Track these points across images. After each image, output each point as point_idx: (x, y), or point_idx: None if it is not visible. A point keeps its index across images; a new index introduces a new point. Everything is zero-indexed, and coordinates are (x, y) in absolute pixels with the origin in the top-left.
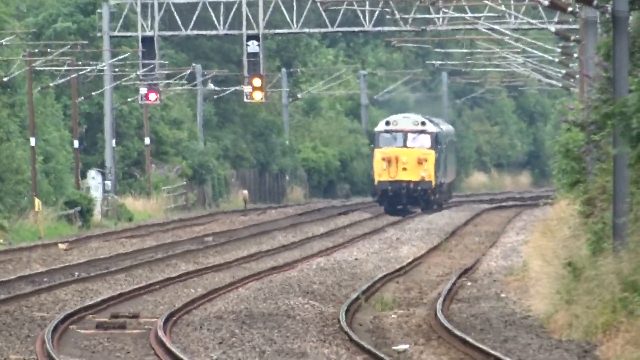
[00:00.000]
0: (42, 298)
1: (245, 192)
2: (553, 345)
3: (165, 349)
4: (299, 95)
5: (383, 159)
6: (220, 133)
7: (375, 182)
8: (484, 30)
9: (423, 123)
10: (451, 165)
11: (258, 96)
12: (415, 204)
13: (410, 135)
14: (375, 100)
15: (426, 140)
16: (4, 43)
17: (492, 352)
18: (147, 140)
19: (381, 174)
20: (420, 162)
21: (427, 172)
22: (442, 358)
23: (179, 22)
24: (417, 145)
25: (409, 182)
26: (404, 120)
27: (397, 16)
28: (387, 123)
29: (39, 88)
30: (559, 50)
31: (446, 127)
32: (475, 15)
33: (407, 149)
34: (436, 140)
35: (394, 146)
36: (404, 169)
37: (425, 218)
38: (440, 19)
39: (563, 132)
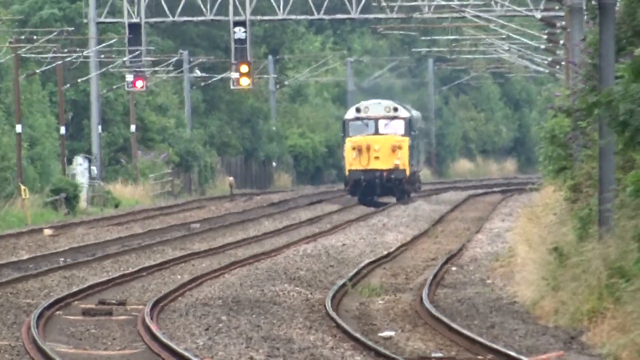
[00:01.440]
0: (29, 284)
1: (231, 178)
2: (539, 332)
3: (152, 335)
4: (285, 82)
5: (354, 148)
6: (206, 120)
7: (347, 172)
8: (470, 17)
9: (395, 109)
10: (422, 153)
11: (245, 82)
12: (389, 194)
13: (382, 122)
14: (361, 87)
15: (399, 126)
16: None
17: (478, 338)
18: (133, 128)
19: (352, 163)
20: (394, 149)
21: (401, 160)
22: (428, 344)
23: (166, 9)
24: (390, 132)
25: (382, 171)
26: (375, 106)
27: (384, 3)
28: (358, 110)
29: (25, 75)
30: (545, 37)
31: (416, 113)
32: (462, 2)
33: (380, 137)
34: (409, 126)
35: (365, 134)
36: (377, 157)
37: (411, 204)
38: (426, 7)
39: (549, 119)
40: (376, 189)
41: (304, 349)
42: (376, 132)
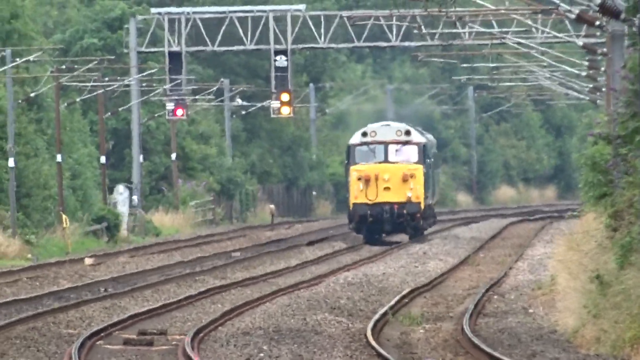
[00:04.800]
0: (70, 314)
1: (272, 206)
2: None
3: None
4: (327, 110)
5: (359, 178)
6: (247, 148)
7: (351, 206)
8: (510, 44)
9: (407, 132)
10: (437, 183)
11: (286, 111)
12: (400, 231)
13: (392, 148)
14: (401, 115)
15: (412, 152)
16: (31, 59)
17: None
18: (174, 156)
19: (358, 195)
20: (405, 179)
21: (414, 192)
22: None
23: (206, 38)
24: (402, 160)
25: (392, 204)
26: (384, 130)
27: (424, 31)
28: (364, 134)
29: (66, 104)
30: (586, 63)
31: (430, 138)
32: (502, 29)
33: (390, 165)
34: (424, 152)
35: (373, 162)
36: (386, 188)
37: (452, 232)
38: (467, 34)
39: (589, 145)
40: (385, 226)
41: None
42: (386, 160)
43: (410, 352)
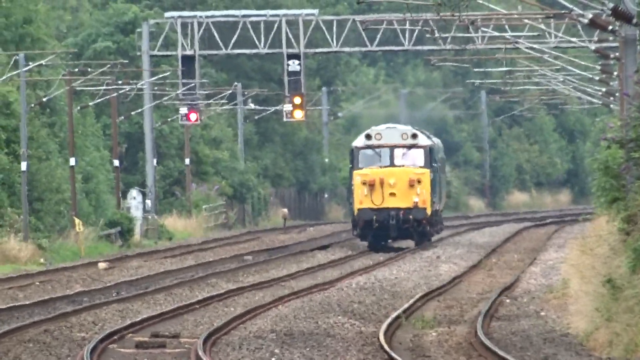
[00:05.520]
0: (82, 318)
1: (285, 210)
2: None
3: None
4: (339, 114)
5: (364, 183)
6: (260, 152)
7: (355, 211)
8: (523, 48)
9: (414, 135)
10: (444, 188)
11: (299, 115)
12: (407, 237)
13: (398, 151)
14: (414, 119)
15: (419, 156)
16: (44, 63)
17: None
18: (187, 161)
19: (362, 200)
20: (412, 184)
21: (420, 197)
22: None
23: (219, 42)
24: (408, 163)
25: (398, 210)
26: (389, 133)
27: (437, 35)
28: (369, 137)
29: (79, 107)
30: (598, 68)
31: (437, 141)
32: (515, 34)
33: (395, 169)
34: (430, 156)
35: (377, 165)
36: (392, 194)
37: (465, 236)
38: (480, 38)
39: (602, 150)
40: (391, 232)
41: None
42: (391, 164)
43: (423, 355)
